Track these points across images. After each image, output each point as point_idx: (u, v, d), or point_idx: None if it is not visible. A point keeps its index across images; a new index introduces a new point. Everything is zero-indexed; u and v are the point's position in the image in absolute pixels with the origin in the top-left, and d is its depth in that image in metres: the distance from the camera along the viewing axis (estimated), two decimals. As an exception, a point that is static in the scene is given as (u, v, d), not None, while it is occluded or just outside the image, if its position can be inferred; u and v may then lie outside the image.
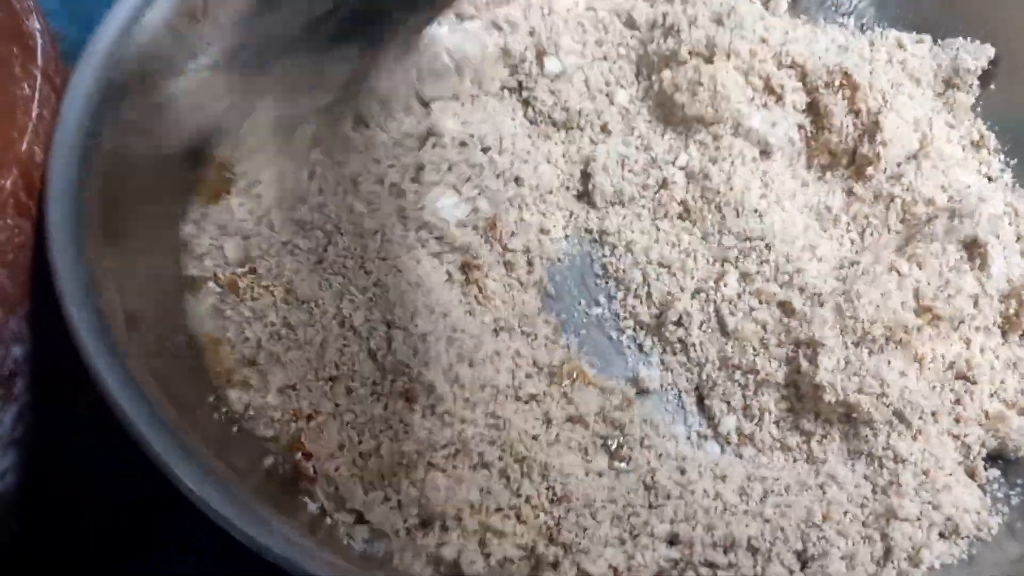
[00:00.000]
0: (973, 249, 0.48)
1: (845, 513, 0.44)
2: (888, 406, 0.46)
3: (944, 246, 0.48)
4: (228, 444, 0.43)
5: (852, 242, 0.54)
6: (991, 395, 0.48)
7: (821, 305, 0.49)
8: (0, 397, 0.38)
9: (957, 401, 0.48)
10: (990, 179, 0.56)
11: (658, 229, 0.54)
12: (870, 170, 0.54)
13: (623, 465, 0.47)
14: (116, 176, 0.43)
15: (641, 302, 0.52)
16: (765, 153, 0.55)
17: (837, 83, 0.55)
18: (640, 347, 0.52)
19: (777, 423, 0.49)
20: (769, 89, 0.55)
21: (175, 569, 0.50)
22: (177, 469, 0.35)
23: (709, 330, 0.51)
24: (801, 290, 0.50)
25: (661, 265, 0.53)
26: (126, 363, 0.37)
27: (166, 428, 0.36)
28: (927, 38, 0.60)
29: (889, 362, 0.47)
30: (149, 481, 0.46)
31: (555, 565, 0.42)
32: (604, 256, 0.55)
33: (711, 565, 0.42)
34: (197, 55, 0.51)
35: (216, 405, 0.44)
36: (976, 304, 0.48)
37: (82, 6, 0.63)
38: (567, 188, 0.56)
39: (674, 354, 0.51)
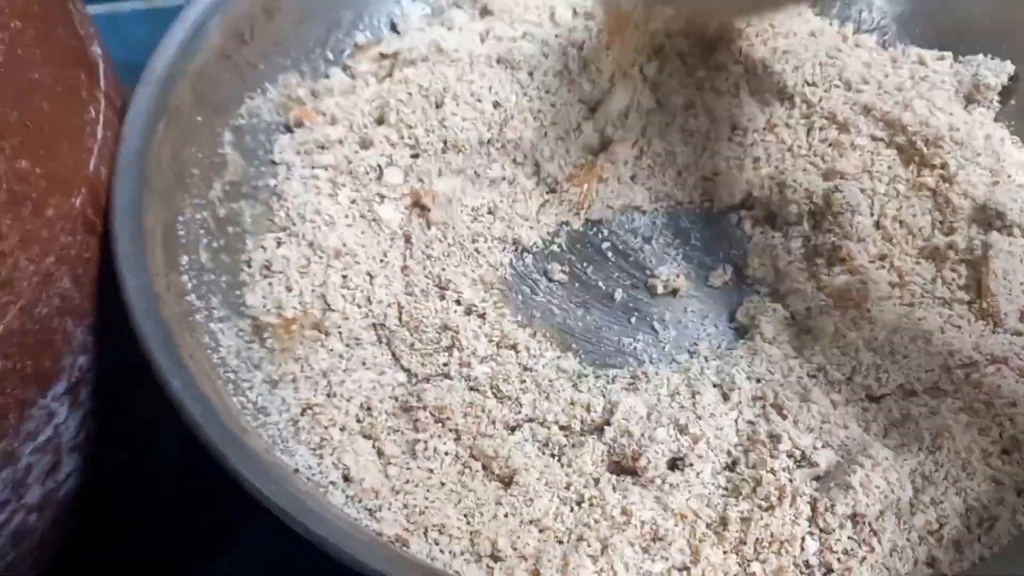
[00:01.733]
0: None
1: None
2: None
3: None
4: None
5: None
6: None
7: None
8: (68, 404, 0.40)
9: None
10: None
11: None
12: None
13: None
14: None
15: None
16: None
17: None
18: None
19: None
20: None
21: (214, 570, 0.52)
22: (238, 466, 0.37)
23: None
24: None
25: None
26: (188, 368, 0.39)
27: (226, 427, 0.38)
28: (948, 55, 0.61)
29: None
30: (179, 489, 0.48)
31: None
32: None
33: None
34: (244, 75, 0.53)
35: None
36: None
37: (124, 28, 0.66)
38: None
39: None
